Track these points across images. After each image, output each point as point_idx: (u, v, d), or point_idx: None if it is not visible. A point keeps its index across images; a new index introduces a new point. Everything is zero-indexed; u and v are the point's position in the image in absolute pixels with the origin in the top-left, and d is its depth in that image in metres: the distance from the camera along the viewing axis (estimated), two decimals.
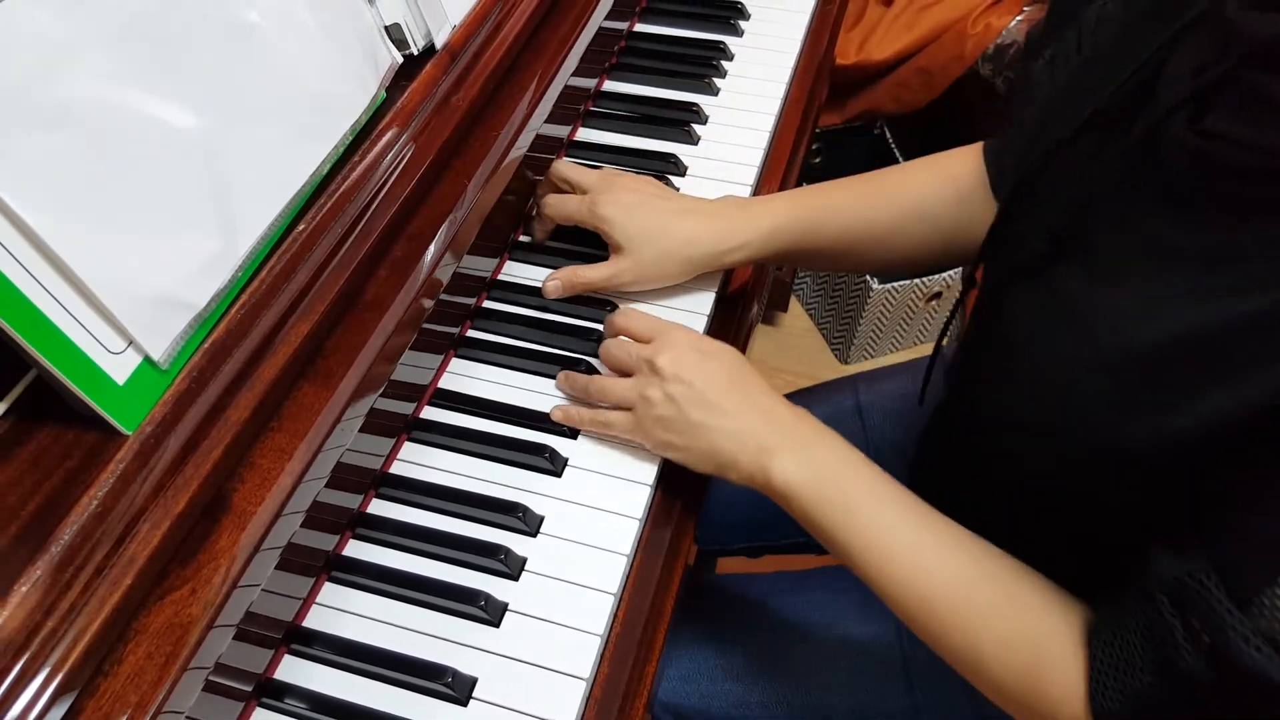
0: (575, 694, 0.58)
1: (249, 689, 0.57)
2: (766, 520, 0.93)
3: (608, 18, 0.92)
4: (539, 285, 0.79)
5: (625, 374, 0.69)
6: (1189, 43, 0.49)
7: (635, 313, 0.72)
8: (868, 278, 1.62)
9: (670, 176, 0.88)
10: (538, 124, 0.79)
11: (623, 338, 0.71)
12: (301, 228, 0.60)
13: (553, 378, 0.73)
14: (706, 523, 0.95)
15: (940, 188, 0.75)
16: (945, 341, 0.75)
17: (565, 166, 0.81)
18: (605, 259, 0.78)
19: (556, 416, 0.70)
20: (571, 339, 0.76)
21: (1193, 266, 0.46)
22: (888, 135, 1.79)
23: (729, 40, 1.02)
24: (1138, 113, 0.51)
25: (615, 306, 0.77)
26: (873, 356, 1.80)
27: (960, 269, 1.64)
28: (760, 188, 0.89)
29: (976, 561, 0.57)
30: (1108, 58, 0.56)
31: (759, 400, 0.65)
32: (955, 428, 0.73)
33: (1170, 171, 0.49)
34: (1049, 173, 0.57)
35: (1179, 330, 0.46)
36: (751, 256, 0.76)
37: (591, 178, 0.78)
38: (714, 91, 0.97)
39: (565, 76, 0.83)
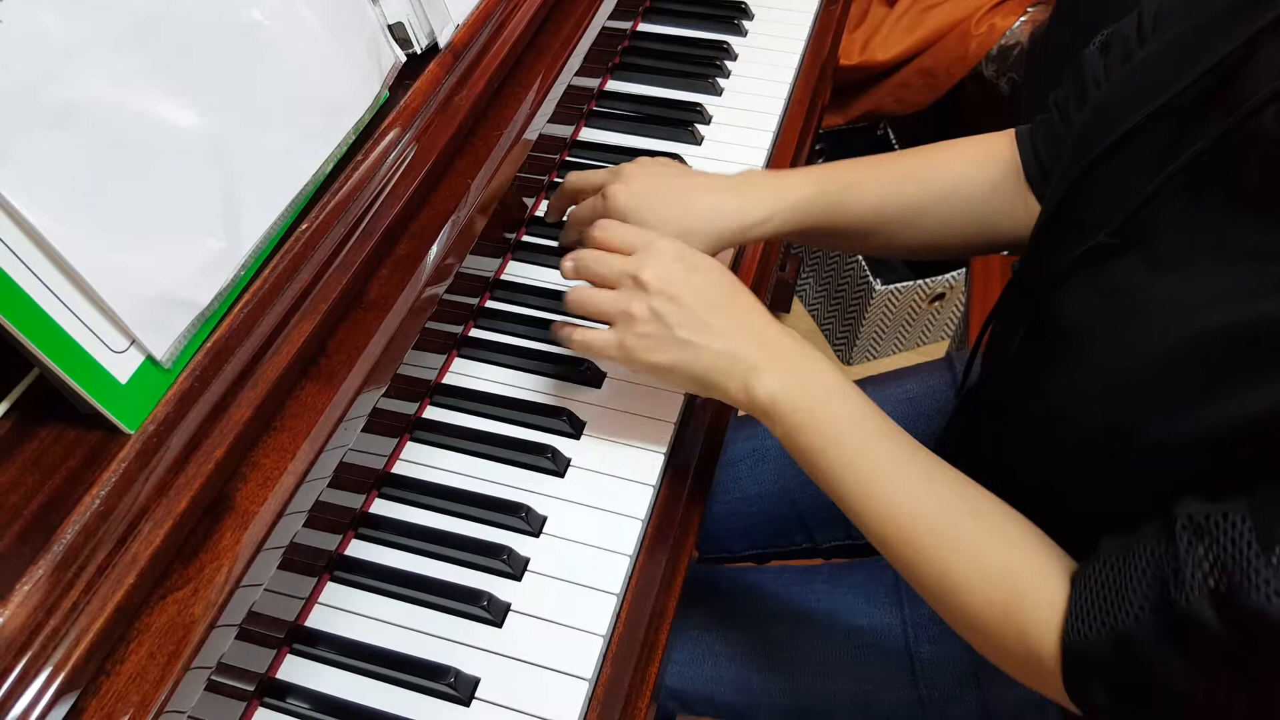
0: (578, 694, 0.58)
1: (251, 689, 0.57)
2: (772, 529, 0.93)
3: (611, 17, 0.92)
4: (542, 284, 0.79)
5: (607, 288, 0.64)
6: None
7: (615, 224, 0.67)
8: (870, 278, 1.62)
9: None
10: (541, 124, 0.79)
11: (601, 251, 0.65)
12: (304, 227, 0.59)
13: (556, 378, 0.73)
14: (711, 532, 0.95)
15: (973, 171, 0.73)
16: (952, 346, 0.75)
17: (575, 177, 0.77)
18: None
19: (555, 333, 0.67)
20: None
21: (1266, 262, 0.46)
22: (891, 136, 1.79)
23: (733, 40, 1.02)
24: (1215, 107, 0.50)
25: None
26: (875, 358, 1.80)
27: (963, 269, 1.64)
28: None
29: (960, 494, 0.57)
30: (1182, 48, 0.54)
31: (749, 318, 0.62)
32: (983, 425, 0.72)
33: (1250, 169, 0.47)
34: (1113, 165, 0.56)
35: (1244, 318, 0.45)
36: (777, 230, 0.72)
37: (601, 175, 0.75)
38: (718, 91, 0.96)
39: (568, 76, 0.83)
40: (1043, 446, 0.60)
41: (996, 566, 0.54)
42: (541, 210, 0.86)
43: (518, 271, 0.81)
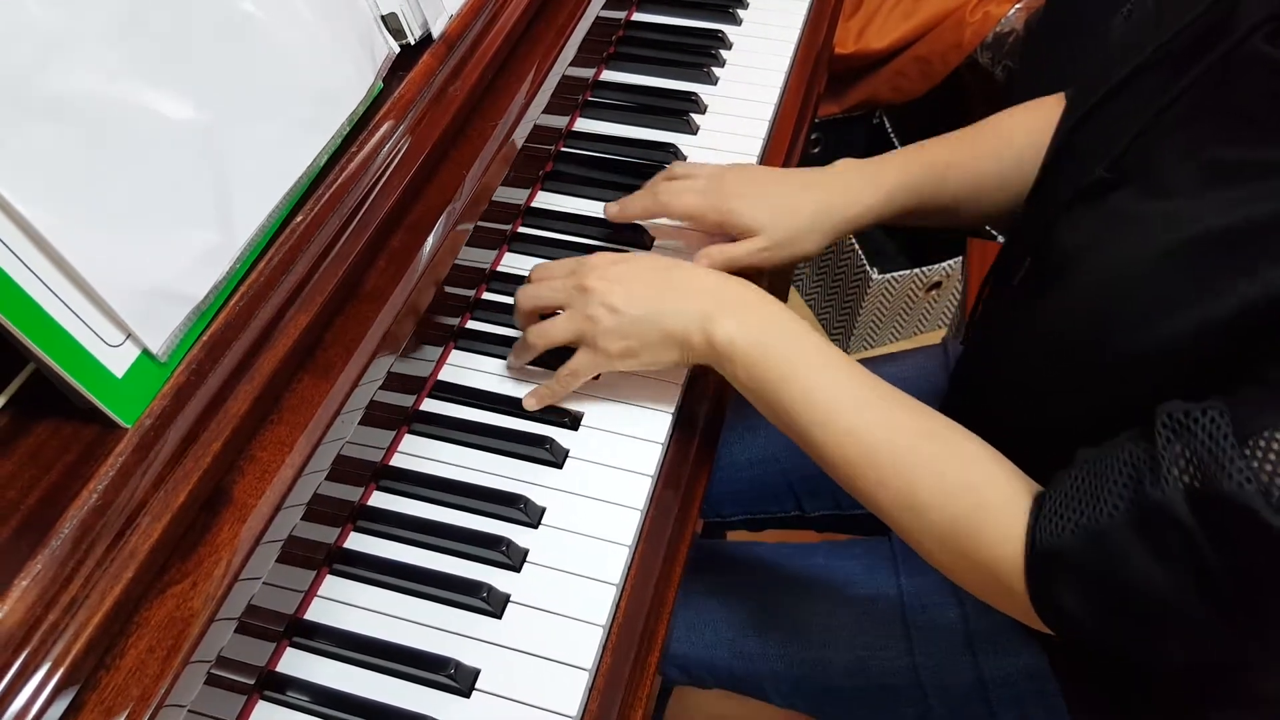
0: (578, 685, 0.58)
1: (251, 682, 0.57)
2: (762, 495, 0.95)
3: (605, 6, 0.91)
4: None
5: (555, 313, 0.69)
6: None
7: (546, 263, 0.73)
8: (867, 267, 1.62)
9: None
10: (535, 114, 0.78)
11: (541, 281, 0.71)
12: (299, 219, 0.59)
13: (552, 368, 0.73)
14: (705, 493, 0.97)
15: (1037, 138, 0.77)
16: (948, 334, 0.76)
17: (681, 167, 0.80)
18: (612, 243, 0.80)
19: (529, 405, 0.70)
20: None
21: (1254, 174, 0.48)
22: (886, 124, 1.78)
23: (728, 29, 1.01)
24: (1208, 48, 0.53)
25: None
26: (873, 347, 1.80)
27: (959, 258, 1.64)
28: None
29: (918, 418, 0.60)
30: (1181, 3, 0.58)
31: (692, 278, 0.66)
32: (979, 382, 0.75)
33: (1242, 91, 0.51)
34: (1111, 108, 0.60)
35: (1227, 224, 0.48)
36: (875, 219, 0.77)
37: (703, 179, 0.77)
38: (713, 81, 0.96)
39: (563, 66, 0.83)
40: (1035, 379, 0.63)
41: (957, 482, 0.56)
42: (536, 201, 0.86)
43: (514, 263, 0.81)
